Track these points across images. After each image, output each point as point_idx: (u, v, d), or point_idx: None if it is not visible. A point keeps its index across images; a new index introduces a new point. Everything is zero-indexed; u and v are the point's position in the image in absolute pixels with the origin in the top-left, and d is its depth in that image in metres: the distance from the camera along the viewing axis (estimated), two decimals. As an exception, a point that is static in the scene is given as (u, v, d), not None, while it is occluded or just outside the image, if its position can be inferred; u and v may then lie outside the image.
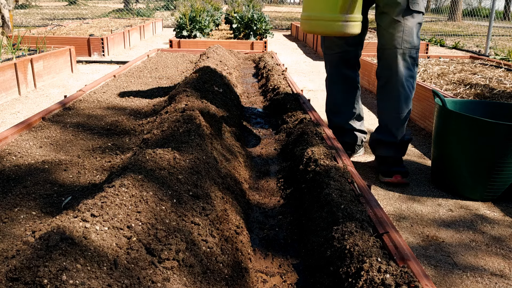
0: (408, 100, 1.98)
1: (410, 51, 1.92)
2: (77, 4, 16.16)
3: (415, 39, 1.91)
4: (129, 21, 8.47)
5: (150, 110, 2.53)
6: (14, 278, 0.72)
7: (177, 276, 0.95)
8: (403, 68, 1.93)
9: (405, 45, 1.90)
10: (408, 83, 1.95)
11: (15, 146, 1.86)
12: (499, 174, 1.81)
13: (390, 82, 1.97)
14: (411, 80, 1.96)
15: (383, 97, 2.04)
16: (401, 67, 1.93)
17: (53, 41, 5.02)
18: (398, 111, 1.98)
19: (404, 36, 1.89)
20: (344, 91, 2.22)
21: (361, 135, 2.31)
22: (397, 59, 1.92)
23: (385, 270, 0.99)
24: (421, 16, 1.92)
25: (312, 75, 4.67)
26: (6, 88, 3.22)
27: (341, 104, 2.24)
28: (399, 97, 1.96)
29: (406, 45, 1.90)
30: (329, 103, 2.30)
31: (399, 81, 1.94)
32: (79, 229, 0.87)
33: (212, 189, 1.33)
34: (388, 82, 1.98)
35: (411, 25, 1.89)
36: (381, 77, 2.03)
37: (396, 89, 1.95)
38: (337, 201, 1.32)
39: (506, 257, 1.48)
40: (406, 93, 1.96)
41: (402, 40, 1.89)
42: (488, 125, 1.74)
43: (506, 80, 3.25)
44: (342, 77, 2.21)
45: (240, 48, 5.51)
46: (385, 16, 1.92)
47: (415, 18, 1.90)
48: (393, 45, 1.91)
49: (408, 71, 1.94)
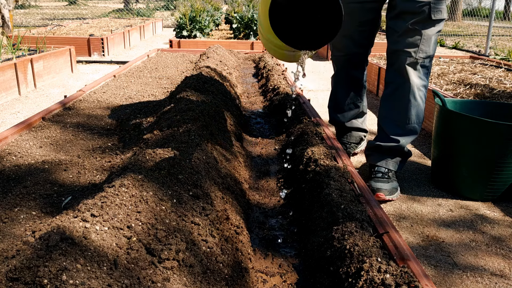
0: (419, 110, 1.88)
1: (424, 60, 1.81)
2: (77, 4, 16.17)
3: (432, 49, 1.80)
4: (129, 21, 8.47)
5: (150, 110, 2.53)
6: (14, 278, 0.72)
7: (177, 276, 0.95)
8: (415, 77, 1.83)
9: (420, 54, 1.79)
10: (420, 93, 1.85)
11: (15, 146, 1.86)
12: (499, 174, 1.81)
13: (400, 90, 1.86)
14: (424, 90, 1.87)
15: (391, 105, 1.91)
16: (413, 76, 1.82)
17: (53, 41, 5.02)
18: (407, 120, 1.88)
19: (421, 45, 1.77)
20: (349, 92, 2.17)
21: (361, 134, 2.29)
22: (410, 68, 1.81)
23: (385, 270, 0.99)
24: (442, 23, 1.80)
25: (312, 75, 4.67)
26: (6, 88, 3.22)
27: (344, 104, 2.19)
28: (409, 106, 1.86)
29: (421, 55, 1.79)
30: (333, 101, 2.25)
31: (411, 90, 1.84)
32: (79, 229, 0.87)
33: (212, 189, 1.33)
34: (397, 90, 1.87)
35: (431, 34, 1.76)
36: (391, 84, 1.91)
37: (407, 99, 1.85)
38: (337, 201, 1.32)
39: (506, 257, 1.48)
40: (417, 103, 1.86)
41: (418, 50, 1.77)
42: (488, 125, 1.74)
43: (506, 80, 3.25)
44: (348, 79, 2.16)
45: (240, 48, 5.51)
46: (402, 23, 1.77)
47: (436, 27, 1.77)
48: (407, 53, 1.79)
49: (421, 81, 1.85)
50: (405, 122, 1.88)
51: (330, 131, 2.09)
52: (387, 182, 1.85)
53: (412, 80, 1.83)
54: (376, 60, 4.18)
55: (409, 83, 1.83)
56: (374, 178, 1.87)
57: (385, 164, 1.90)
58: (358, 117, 2.24)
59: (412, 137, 1.91)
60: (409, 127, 1.89)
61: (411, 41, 1.77)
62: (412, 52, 1.78)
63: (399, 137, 1.89)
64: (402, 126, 1.89)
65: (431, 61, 1.85)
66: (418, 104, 1.86)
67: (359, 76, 2.15)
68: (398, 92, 1.87)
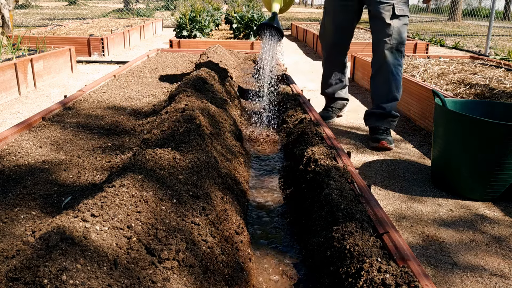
0: (397, 83, 2.46)
1: (397, 46, 2.40)
2: (77, 4, 16.16)
3: (401, 37, 2.39)
4: (129, 21, 8.46)
5: (150, 110, 2.53)
6: (14, 278, 0.72)
7: (177, 276, 0.95)
8: (392, 59, 2.41)
9: (393, 41, 2.38)
10: (397, 70, 2.43)
11: (15, 146, 1.86)
12: (499, 174, 1.81)
13: (381, 70, 2.45)
14: (400, 68, 2.44)
15: (376, 81, 2.51)
16: (390, 57, 2.41)
17: (53, 41, 5.02)
18: (389, 91, 2.46)
19: (393, 35, 2.38)
20: (335, 71, 2.84)
21: (344, 101, 3.00)
22: (387, 52, 2.40)
23: (385, 270, 0.99)
24: (406, 18, 2.40)
25: (312, 75, 4.67)
26: (6, 88, 3.22)
27: (332, 80, 2.87)
28: (390, 80, 2.44)
29: (394, 41, 2.39)
30: (324, 79, 2.92)
31: (390, 68, 2.42)
32: (79, 229, 0.87)
33: (212, 189, 1.33)
34: (380, 69, 2.46)
35: (398, 25, 2.38)
36: (375, 65, 2.50)
37: (387, 75, 2.43)
38: (337, 201, 1.32)
39: (506, 257, 1.48)
40: (395, 78, 2.44)
41: (392, 38, 2.38)
42: (488, 125, 1.74)
43: (506, 80, 3.25)
44: (334, 62, 2.82)
45: (240, 48, 5.51)
46: (377, 20, 2.43)
47: (401, 20, 2.38)
48: (384, 41, 2.39)
49: (396, 61, 2.42)
50: (388, 92, 2.47)
51: (330, 131, 2.09)
52: (387, 135, 2.48)
53: (389, 61, 2.41)
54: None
55: (387, 63, 2.42)
56: (378, 133, 2.49)
57: (382, 124, 2.51)
58: (342, 89, 2.93)
59: (394, 102, 2.51)
60: (391, 96, 2.47)
61: (385, 33, 2.39)
62: (387, 40, 2.39)
63: (385, 104, 2.49)
64: (386, 96, 2.48)
65: (403, 46, 2.42)
66: (396, 79, 2.44)
67: (343, 59, 2.81)
68: (381, 70, 2.46)
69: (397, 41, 2.38)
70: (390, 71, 2.41)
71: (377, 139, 2.44)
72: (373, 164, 2.26)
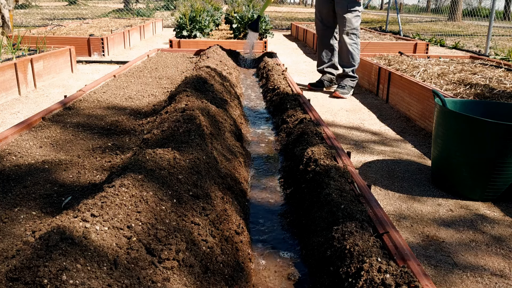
0: (353, 55, 3.63)
1: (352, 30, 3.57)
2: (77, 4, 16.17)
3: (353, 25, 3.56)
4: (129, 21, 8.46)
5: (150, 110, 2.53)
6: (14, 278, 0.72)
7: (177, 276, 0.95)
8: (348, 39, 3.59)
9: (347, 28, 3.55)
10: (351, 47, 3.61)
11: (15, 146, 1.86)
12: (499, 174, 1.81)
13: (342, 47, 3.66)
14: (354, 45, 3.62)
15: (340, 54, 3.75)
16: (346, 39, 3.59)
17: (53, 41, 5.02)
18: (347, 60, 3.66)
19: (347, 24, 3.54)
20: (326, 52, 3.91)
21: (331, 76, 3.97)
22: (344, 35, 3.58)
23: (385, 270, 0.99)
24: (357, 12, 3.55)
25: (312, 75, 4.67)
26: (6, 88, 3.22)
27: (323, 59, 3.93)
28: (347, 53, 3.64)
29: (348, 28, 3.55)
30: (318, 58, 3.98)
31: (346, 45, 3.60)
32: (79, 229, 0.87)
33: (212, 189, 1.33)
34: (341, 47, 3.67)
35: (351, 17, 3.53)
36: (339, 44, 3.73)
37: (345, 49, 3.63)
38: (337, 201, 1.32)
39: (506, 257, 1.48)
40: (350, 51, 3.62)
41: (346, 25, 3.54)
42: (488, 125, 1.74)
43: (506, 80, 3.25)
44: (324, 45, 3.90)
45: (240, 48, 5.51)
46: (338, 15, 3.60)
47: (353, 13, 3.54)
48: (343, 29, 3.57)
49: (351, 40, 3.60)
50: (347, 61, 3.66)
51: (330, 131, 2.09)
52: (343, 89, 3.70)
53: (346, 41, 3.59)
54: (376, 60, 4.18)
55: (345, 43, 3.60)
56: (338, 87, 3.74)
57: (341, 81, 3.75)
58: (332, 67, 3.94)
59: (351, 67, 3.66)
60: (349, 63, 3.66)
61: (343, 23, 3.56)
62: (343, 27, 3.56)
63: (345, 68, 3.68)
64: (345, 62, 3.68)
65: (356, 30, 3.60)
66: (351, 52, 3.62)
67: (331, 43, 3.88)
68: (340, 46, 3.69)
69: (350, 28, 3.55)
70: (347, 47, 3.60)
71: (334, 91, 3.72)
72: (373, 164, 2.26)
